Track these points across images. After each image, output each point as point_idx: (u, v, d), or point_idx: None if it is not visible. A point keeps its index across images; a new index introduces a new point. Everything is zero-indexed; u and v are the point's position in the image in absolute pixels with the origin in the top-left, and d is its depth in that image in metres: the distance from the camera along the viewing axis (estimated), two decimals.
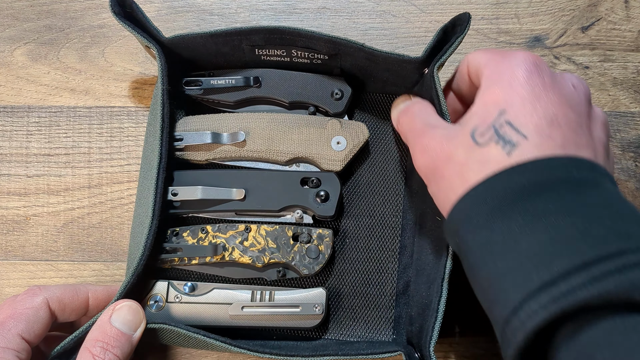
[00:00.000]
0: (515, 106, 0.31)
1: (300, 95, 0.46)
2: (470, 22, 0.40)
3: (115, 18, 0.42)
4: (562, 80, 0.33)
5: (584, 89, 0.33)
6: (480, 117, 0.32)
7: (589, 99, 0.34)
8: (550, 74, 0.32)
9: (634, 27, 0.50)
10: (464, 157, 0.31)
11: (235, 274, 0.44)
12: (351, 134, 0.44)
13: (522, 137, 0.30)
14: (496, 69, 0.33)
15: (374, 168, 0.47)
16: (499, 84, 0.32)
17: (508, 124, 0.30)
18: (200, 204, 0.44)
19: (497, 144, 0.30)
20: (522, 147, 0.29)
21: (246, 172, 0.45)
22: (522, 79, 0.31)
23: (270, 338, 0.44)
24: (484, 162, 0.30)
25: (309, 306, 0.42)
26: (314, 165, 0.45)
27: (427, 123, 0.36)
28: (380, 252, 0.45)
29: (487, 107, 0.32)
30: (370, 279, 0.45)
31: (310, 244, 0.43)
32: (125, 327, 0.36)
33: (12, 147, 0.49)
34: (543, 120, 0.30)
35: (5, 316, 0.35)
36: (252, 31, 0.42)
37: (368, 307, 0.45)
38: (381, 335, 0.44)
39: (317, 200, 0.43)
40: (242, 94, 0.46)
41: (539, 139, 0.29)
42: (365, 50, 0.41)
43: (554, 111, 0.30)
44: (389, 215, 0.46)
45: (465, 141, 0.32)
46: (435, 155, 0.33)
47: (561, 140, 0.30)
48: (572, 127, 0.30)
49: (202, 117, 0.45)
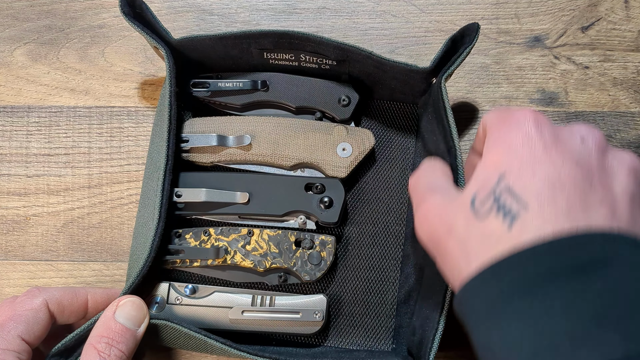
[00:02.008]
0: (514, 170, 0.29)
1: (307, 100, 0.45)
2: (479, 32, 0.40)
3: (125, 18, 0.41)
4: (567, 135, 0.31)
5: (594, 139, 0.31)
6: (481, 182, 0.30)
7: (602, 148, 0.31)
8: (552, 131, 0.30)
9: (634, 27, 0.50)
10: (464, 230, 0.30)
11: (236, 278, 0.44)
12: (357, 141, 0.44)
13: (522, 206, 0.28)
14: (497, 130, 0.32)
15: (379, 176, 0.47)
16: (498, 146, 0.31)
17: (508, 190, 0.29)
18: (203, 206, 0.43)
19: (497, 215, 0.28)
20: (522, 218, 0.27)
21: (251, 176, 0.44)
22: (520, 140, 0.30)
23: (270, 343, 0.43)
24: (485, 238, 0.28)
25: (309, 313, 0.41)
26: (318, 171, 0.45)
27: (429, 186, 0.34)
28: (383, 260, 0.45)
29: (487, 171, 0.30)
30: (372, 287, 0.45)
31: (312, 250, 0.43)
32: (130, 322, 0.36)
33: (12, 147, 0.49)
34: (544, 184, 0.28)
35: (5, 318, 0.35)
36: (261, 35, 0.42)
37: (368, 316, 0.44)
38: (381, 344, 0.44)
39: (320, 207, 0.43)
40: (249, 97, 0.46)
41: (540, 207, 0.27)
42: (374, 58, 0.41)
43: (555, 172, 0.28)
44: (393, 223, 0.46)
45: (465, 211, 0.30)
46: (435, 226, 0.32)
47: (566, 204, 0.27)
48: (579, 186, 0.28)
49: (209, 119, 0.45)
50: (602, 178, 0.29)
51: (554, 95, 0.49)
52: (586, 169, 0.29)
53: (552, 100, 0.49)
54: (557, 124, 0.48)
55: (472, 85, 0.49)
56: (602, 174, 0.29)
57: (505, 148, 0.30)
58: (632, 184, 0.29)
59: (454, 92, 0.49)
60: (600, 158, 0.30)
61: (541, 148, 0.29)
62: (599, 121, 0.48)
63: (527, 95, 0.49)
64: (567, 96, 0.49)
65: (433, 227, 0.32)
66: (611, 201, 0.28)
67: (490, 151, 0.31)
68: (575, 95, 0.49)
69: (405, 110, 0.48)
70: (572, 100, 0.49)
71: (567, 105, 0.49)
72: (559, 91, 0.49)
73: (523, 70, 0.50)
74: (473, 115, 0.49)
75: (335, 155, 0.44)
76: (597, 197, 0.28)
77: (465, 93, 0.49)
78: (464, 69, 0.50)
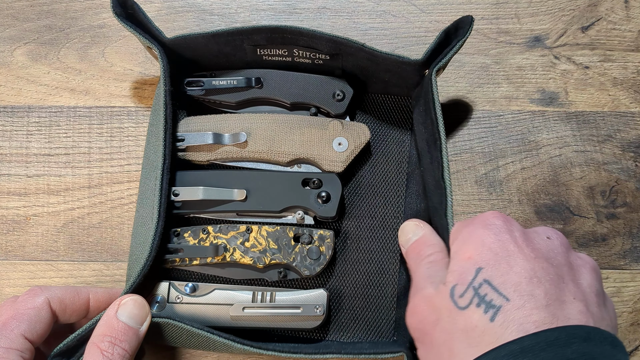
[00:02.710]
0: (490, 264, 0.30)
1: (301, 96, 0.46)
2: (473, 25, 0.40)
3: (117, 19, 0.42)
4: (534, 234, 0.33)
5: (559, 239, 0.33)
6: (458, 275, 0.31)
7: (567, 247, 0.33)
8: (521, 230, 0.32)
9: (634, 27, 0.51)
10: (448, 324, 0.31)
11: (236, 275, 0.44)
12: (352, 135, 0.44)
13: (503, 298, 0.29)
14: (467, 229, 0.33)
15: (376, 169, 0.47)
16: (471, 242, 0.32)
17: (487, 282, 0.30)
18: (201, 205, 0.44)
19: (478, 307, 0.29)
20: (504, 310, 0.28)
21: (247, 173, 0.45)
22: (493, 237, 0.31)
23: (271, 339, 0.44)
24: (468, 330, 0.29)
25: (310, 307, 0.42)
26: (315, 166, 0.45)
27: (429, 276, 0.35)
28: (382, 253, 0.45)
29: (463, 265, 0.32)
30: (372, 280, 0.45)
31: (311, 245, 0.43)
32: (132, 321, 0.36)
33: (12, 147, 0.49)
34: (522, 278, 0.29)
35: (7, 317, 0.35)
36: (254, 30, 0.42)
37: (369, 309, 0.45)
38: (382, 337, 0.44)
39: (318, 201, 0.43)
40: (244, 94, 0.46)
41: (520, 300, 0.29)
42: (366, 50, 0.41)
43: (530, 266, 0.30)
44: (390, 216, 0.46)
45: (447, 305, 0.31)
46: (423, 316, 0.33)
47: (544, 297, 0.29)
48: (554, 280, 0.30)
49: (204, 118, 0.45)
50: (570, 274, 0.31)
51: (554, 95, 0.49)
52: (556, 265, 0.31)
53: (552, 100, 0.49)
54: (557, 124, 0.48)
55: (472, 85, 0.50)
56: (570, 270, 0.31)
57: (479, 244, 0.32)
58: (595, 281, 0.32)
59: (454, 92, 0.49)
60: (566, 256, 0.32)
61: (513, 244, 0.31)
62: (599, 121, 0.48)
63: (527, 95, 0.49)
64: (567, 96, 0.49)
65: (421, 317, 0.33)
66: (582, 297, 0.30)
67: (462, 247, 0.32)
68: (575, 95, 0.49)
69: (399, 103, 0.48)
70: (572, 100, 0.49)
71: (567, 105, 0.49)
72: (559, 91, 0.49)
73: (523, 70, 0.50)
74: (473, 115, 0.49)
75: (331, 150, 0.44)
76: (570, 292, 0.29)
77: (466, 93, 0.49)
78: (464, 69, 0.50)
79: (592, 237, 0.46)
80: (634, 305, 0.45)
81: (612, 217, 0.46)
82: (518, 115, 0.49)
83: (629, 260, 0.45)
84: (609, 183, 0.47)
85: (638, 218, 0.46)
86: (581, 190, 0.47)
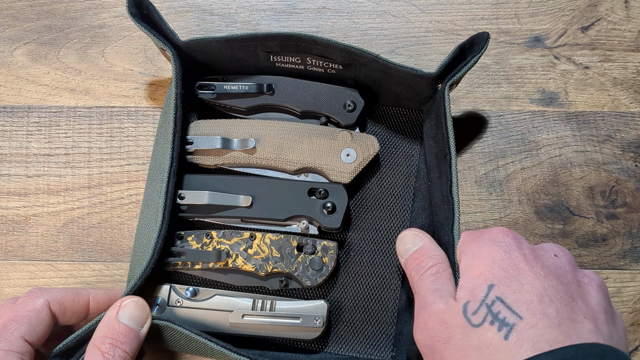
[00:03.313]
0: (502, 282, 0.30)
1: (312, 104, 0.45)
2: (489, 42, 0.39)
3: (132, 19, 0.41)
4: (543, 252, 0.33)
5: (566, 257, 0.33)
6: (469, 291, 0.31)
7: (574, 265, 0.33)
8: (530, 247, 0.32)
9: (634, 27, 0.51)
10: (461, 341, 0.30)
11: (237, 281, 0.44)
12: (361, 147, 0.44)
13: (516, 316, 0.29)
14: (475, 245, 0.33)
15: (383, 182, 0.47)
16: (481, 259, 0.32)
17: (499, 300, 0.30)
18: (206, 209, 0.43)
19: (492, 324, 0.29)
20: (517, 329, 0.29)
21: (254, 180, 0.44)
22: (502, 254, 0.32)
23: (270, 348, 0.43)
24: (482, 348, 0.29)
25: (310, 318, 0.41)
26: (322, 176, 0.45)
27: (436, 288, 0.34)
28: (385, 267, 0.45)
29: (474, 280, 0.32)
30: (373, 294, 0.45)
31: (314, 255, 0.43)
32: (133, 322, 0.36)
33: (12, 147, 0.49)
34: (533, 297, 0.30)
35: (7, 319, 0.35)
36: (268, 37, 0.42)
37: (369, 322, 0.44)
38: (381, 352, 0.44)
39: (323, 212, 0.43)
40: (255, 100, 0.46)
41: (533, 318, 0.29)
42: (380, 62, 0.41)
43: (540, 284, 0.30)
44: (395, 230, 0.46)
45: (460, 322, 0.31)
46: (434, 335, 0.32)
47: (556, 316, 0.29)
48: (564, 299, 0.30)
49: (214, 122, 0.45)
50: (579, 292, 0.31)
51: (554, 95, 0.49)
52: (565, 283, 0.31)
53: (552, 100, 0.49)
54: (557, 124, 0.48)
55: (472, 85, 0.50)
56: (578, 288, 0.31)
57: (489, 260, 0.32)
58: (603, 299, 0.32)
59: (454, 92, 0.49)
60: (574, 274, 0.32)
61: (523, 261, 0.31)
62: (599, 121, 0.48)
63: (527, 95, 0.49)
64: (567, 96, 0.49)
65: (432, 334, 0.33)
66: (592, 315, 0.30)
67: (472, 263, 0.33)
68: (575, 95, 0.49)
69: (410, 117, 0.48)
70: (572, 100, 0.49)
71: (567, 105, 0.49)
72: (559, 91, 0.49)
73: (523, 70, 0.50)
74: (473, 116, 0.49)
75: (339, 160, 0.44)
76: (580, 310, 0.30)
77: (465, 93, 0.49)
78: None
79: (592, 237, 0.46)
80: (634, 305, 0.45)
81: (612, 217, 0.46)
82: (518, 115, 0.49)
83: (629, 260, 0.46)
84: (609, 183, 0.47)
85: (638, 218, 0.46)
86: (581, 190, 0.47)
